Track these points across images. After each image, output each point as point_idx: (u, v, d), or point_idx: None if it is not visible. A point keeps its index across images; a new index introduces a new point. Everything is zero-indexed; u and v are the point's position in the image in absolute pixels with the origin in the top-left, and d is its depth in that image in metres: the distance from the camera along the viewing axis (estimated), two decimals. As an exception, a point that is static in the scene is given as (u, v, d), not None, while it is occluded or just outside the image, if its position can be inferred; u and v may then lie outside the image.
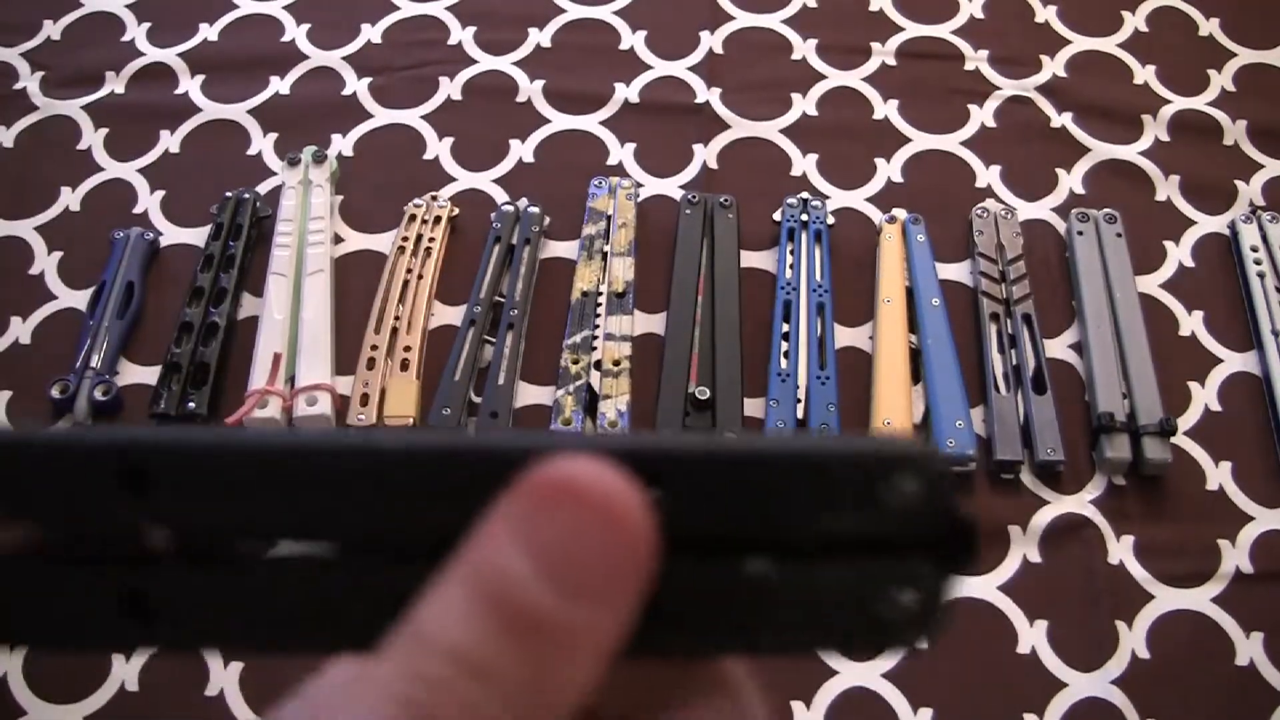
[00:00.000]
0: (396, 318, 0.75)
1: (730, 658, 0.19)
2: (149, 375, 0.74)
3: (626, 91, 0.89)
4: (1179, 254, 0.80)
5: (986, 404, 0.72)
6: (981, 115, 0.87)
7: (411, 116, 0.88)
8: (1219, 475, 0.70)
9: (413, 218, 0.80)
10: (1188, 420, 0.73)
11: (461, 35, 0.93)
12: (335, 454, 0.17)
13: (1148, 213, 0.81)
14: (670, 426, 0.70)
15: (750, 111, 0.87)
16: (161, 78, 0.91)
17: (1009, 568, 0.67)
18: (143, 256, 0.79)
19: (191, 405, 0.72)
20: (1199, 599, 0.66)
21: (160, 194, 0.84)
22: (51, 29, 0.95)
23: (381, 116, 0.88)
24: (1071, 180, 0.83)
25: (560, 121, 0.87)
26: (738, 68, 0.90)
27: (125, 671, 0.64)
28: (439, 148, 0.86)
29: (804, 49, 0.92)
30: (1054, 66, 0.90)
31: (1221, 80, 0.89)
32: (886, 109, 0.88)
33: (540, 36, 0.93)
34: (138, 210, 0.83)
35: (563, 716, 0.16)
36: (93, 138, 0.87)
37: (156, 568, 0.17)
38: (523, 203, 0.81)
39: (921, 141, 0.86)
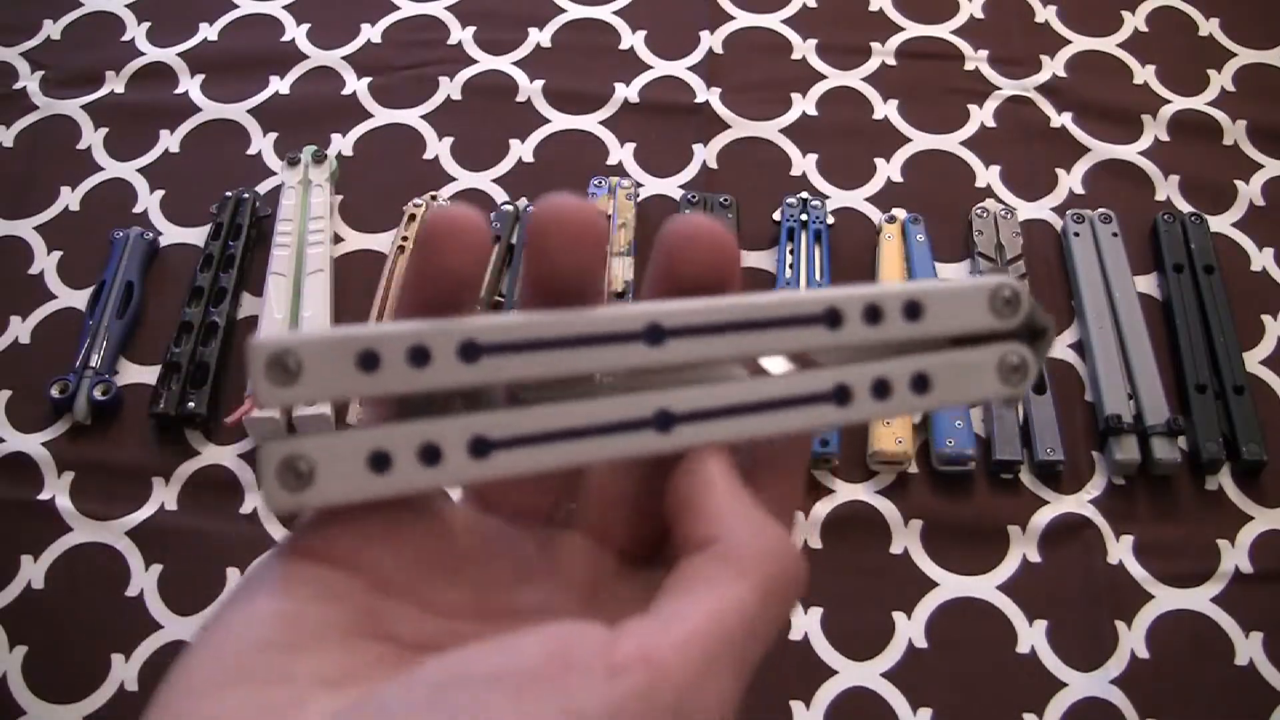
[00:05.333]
0: (396, 317, 0.75)
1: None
2: (149, 375, 0.74)
3: (626, 91, 0.89)
4: (1179, 254, 0.80)
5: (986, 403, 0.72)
6: (981, 115, 0.87)
7: (411, 116, 0.88)
8: (1219, 475, 0.70)
9: (412, 217, 0.80)
10: (1187, 420, 0.73)
11: (461, 35, 0.93)
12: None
13: (1147, 213, 0.81)
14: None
15: (750, 111, 0.87)
16: (161, 77, 0.91)
17: (1009, 567, 0.67)
18: (142, 256, 0.79)
19: (191, 405, 0.72)
20: (1199, 599, 0.66)
21: (160, 194, 0.84)
22: (51, 29, 0.95)
23: (381, 116, 0.88)
24: (1071, 180, 0.83)
25: (560, 121, 0.87)
26: (738, 68, 0.90)
27: (125, 671, 0.64)
28: (439, 148, 0.86)
29: (804, 49, 0.92)
30: (1054, 66, 0.90)
31: (1221, 80, 0.89)
32: (886, 109, 0.88)
33: (540, 36, 0.93)
34: (137, 210, 0.83)
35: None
36: (93, 137, 0.87)
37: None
38: (522, 203, 0.81)
39: (921, 141, 0.86)
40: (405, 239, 0.79)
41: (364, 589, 0.24)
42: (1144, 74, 0.90)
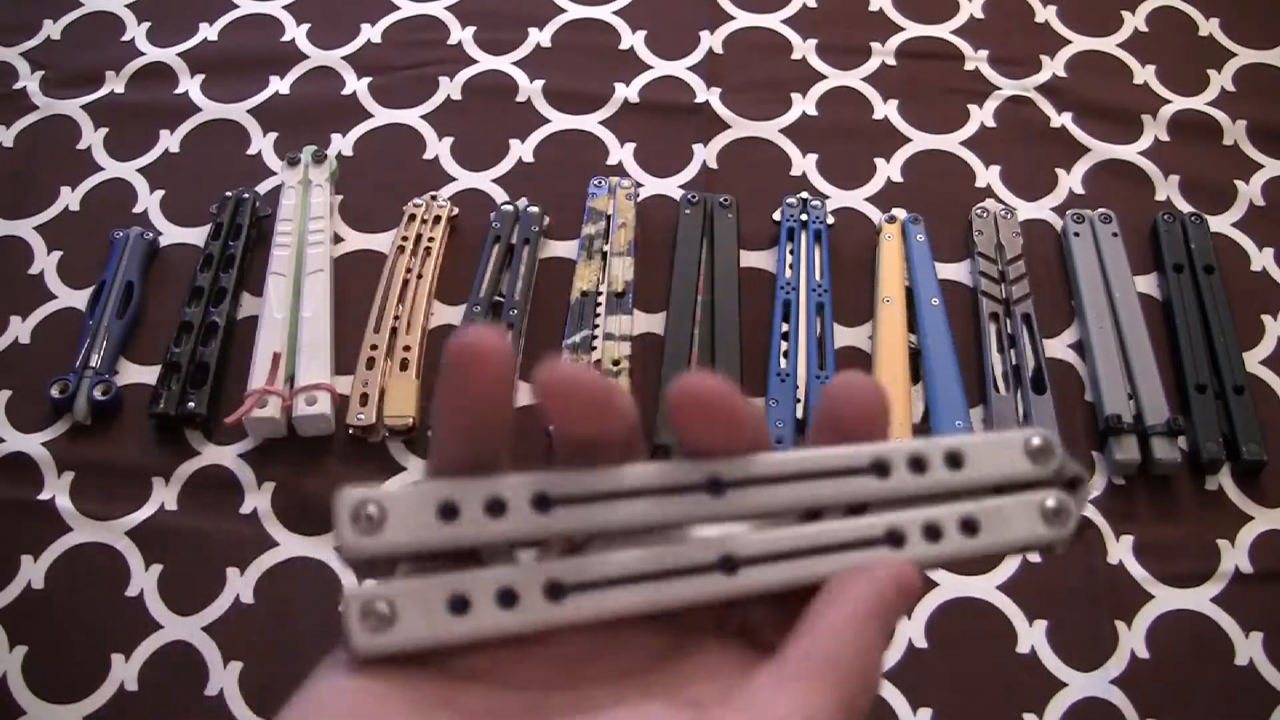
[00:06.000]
0: (396, 317, 0.75)
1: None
2: (149, 375, 0.74)
3: (626, 91, 0.89)
4: (1179, 254, 0.80)
5: (986, 404, 0.72)
6: (981, 115, 0.87)
7: (411, 116, 0.88)
8: (1219, 475, 0.70)
9: (412, 217, 0.80)
10: (1187, 420, 0.72)
11: (461, 35, 0.93)
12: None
13: (1147, 213, 0.81)
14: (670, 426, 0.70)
15: (750, 111, 0.87)
16: (161, 77, 0.91)
17: (1009, 568, 0.67)
18: (142, 256, 0.79)
19: (191, 405, 0.72)
20: (1199, 599, 0.66)
21: (160, 194, 0.84)
22: (51, 29, 0.95)
23: (381, 116, 0.88)
24: (1071, 180, 0.83)
25: (560, 121, 0.87)
26: (738, 68, 0.90)
27: (125, 671, 0.64)
28: (439, 147, 0.86)
29: (804, 49, 0.92)
30: (1054, 66, 0.90)
31: (1221, 80, 0.89)
32: (886, 109, 0.88)
33: (540, 36, 0.93)
34: (137, 210, 0.83)
35: None
36: (93, 137, 0.87)
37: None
38: (522, 202, 0.81)
39: (921, 141, 0.86)
40: (405, 239, 0.79)
41: (436, 678, 0.24)
42: (1144, 74, 0.90)
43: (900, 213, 0.81)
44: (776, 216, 0.80)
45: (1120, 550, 0.68)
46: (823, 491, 0.26)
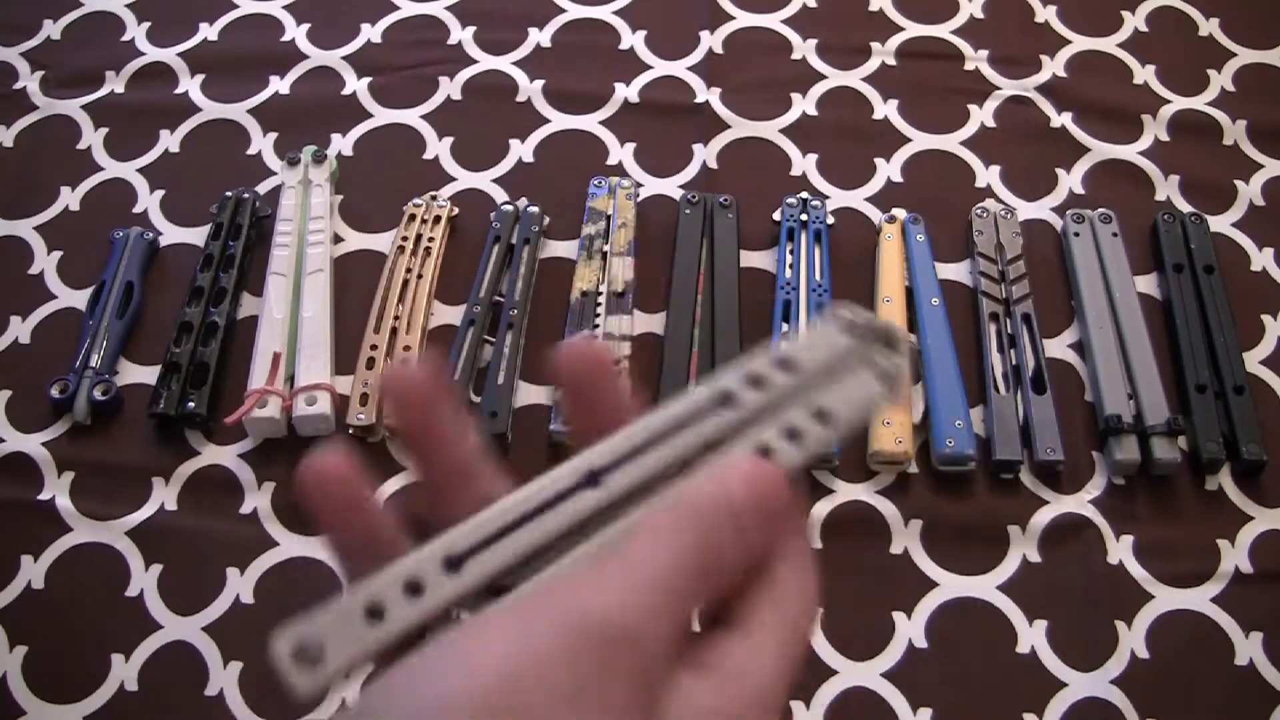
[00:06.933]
0: (396, 317, 0.75)
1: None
2: (149, 375, 0.74)
3: (626, 91, 0.89)
4: (1179, 254, 0.80)
5: (986, 404, 0.72)
6: (981, 115, 0.87)
7: (411, 116, 0.88)
8: (1219, 475, 0.70)
9: (412, 217, 0.80)
10: (1187, 420, 0.72)
11: (461, 35, 0.93)
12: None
13: (1147, 213, 0.81)
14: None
15: (750, 111, 0.87)
16: (161, 77, 0.91)
17: (1009, 568, 0.67)
18: (142, 256, 0.79)
19: (191, 405, 0.72)
20: (1198, 599, 0.66)
21: (160, 194, 0.84)
22: (51, 29, 0.95)
23: (381, 116, 0.88)
24: (1071, 180, 0.83)
25: (560, 121, 0.87)
26: (738, 68, 0.90)
27: (125, 671, 0.64)
28: (439, 147, 0.86)
29: (804, 49, 0.92)
30: (1054, 66, 0.90)
31: (1221, 80, 0.89)
32: (886, 109, 0.88)
33: (540, 36, 0.93)
34: (137, 210, 0.83)
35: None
36: (93, 137, 0.87)
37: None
38: (522, 202, 0.81)
39: (921, 141, 0.86)
40: (405, 239, 0.79)
41: None
42: (1144, 74, 0.90)
43: (900, 213, 0.81)
44: (776, 216, 0.80)
45: (1120, 550, 0.68)
46: (684, 441, 0.28)
